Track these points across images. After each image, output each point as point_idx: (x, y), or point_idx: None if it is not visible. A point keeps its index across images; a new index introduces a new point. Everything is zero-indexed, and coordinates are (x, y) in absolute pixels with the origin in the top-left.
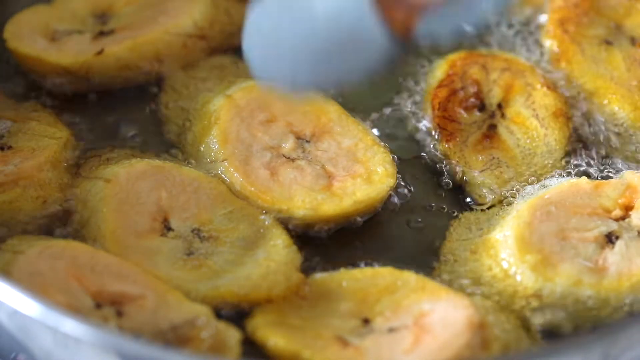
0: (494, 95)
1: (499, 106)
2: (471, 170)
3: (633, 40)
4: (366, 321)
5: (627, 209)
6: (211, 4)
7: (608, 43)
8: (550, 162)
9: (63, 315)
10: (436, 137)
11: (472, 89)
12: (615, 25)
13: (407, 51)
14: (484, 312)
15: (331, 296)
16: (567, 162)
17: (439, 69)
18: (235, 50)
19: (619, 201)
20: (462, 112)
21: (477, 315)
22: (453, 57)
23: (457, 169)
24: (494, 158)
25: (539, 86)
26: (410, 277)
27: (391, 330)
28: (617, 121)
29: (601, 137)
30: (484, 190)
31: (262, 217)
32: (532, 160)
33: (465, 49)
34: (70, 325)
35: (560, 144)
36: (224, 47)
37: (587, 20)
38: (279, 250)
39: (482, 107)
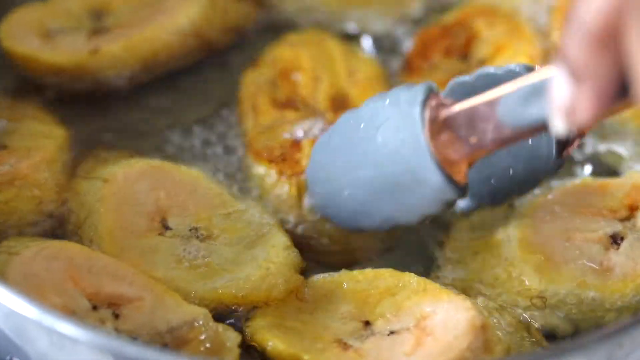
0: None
1: None
2: None
3: None
4: (367, 323)
5: (632, 209)
6: (208, 3)
7: None
8: None
9: (59, 317)
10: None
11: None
12: None
13: (463, 195)
14: (487, 314)
15: (331, 298)
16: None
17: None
18: (232, 49)
19: (624, 201)
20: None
21: (479, 318)
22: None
23: None
24: None
25: None
26: (411, 279)
27: (392, 332)
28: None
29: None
30: None
31: (263, 217)
32: None
33: None
34: (67, 327)
35: None
36: (221, 46)
37: None
38: (279, 252)
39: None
